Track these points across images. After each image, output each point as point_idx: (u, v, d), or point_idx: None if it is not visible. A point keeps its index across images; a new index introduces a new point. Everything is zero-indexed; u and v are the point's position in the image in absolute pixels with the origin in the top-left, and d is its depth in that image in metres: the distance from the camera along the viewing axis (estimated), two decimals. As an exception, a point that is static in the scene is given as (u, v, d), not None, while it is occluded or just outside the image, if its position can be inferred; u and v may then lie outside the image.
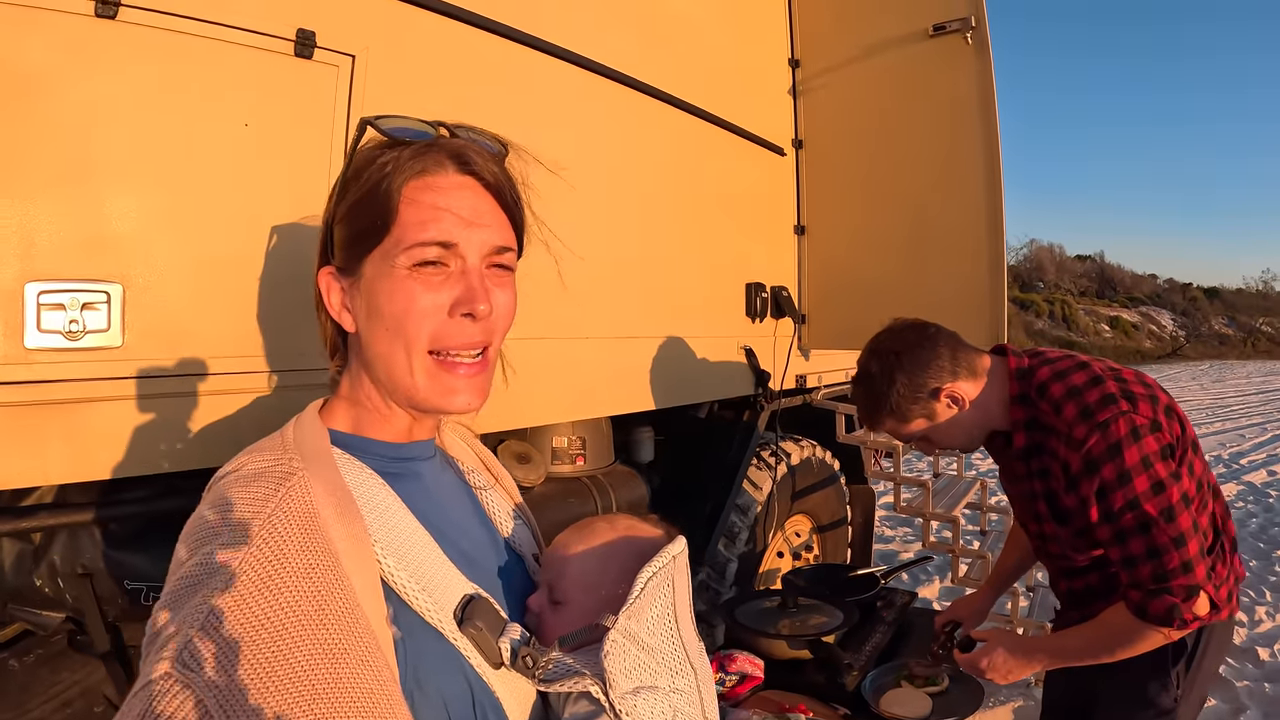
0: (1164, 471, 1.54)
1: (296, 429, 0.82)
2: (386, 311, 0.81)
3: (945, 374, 1.74)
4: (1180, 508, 1.54)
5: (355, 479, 0.80)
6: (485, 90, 1.75)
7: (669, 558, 0.88)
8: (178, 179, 1.24)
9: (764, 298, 2.82)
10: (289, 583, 0.64)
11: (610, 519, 1.02)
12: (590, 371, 2.06)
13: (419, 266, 0.80)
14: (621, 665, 0.78)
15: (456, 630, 0.78)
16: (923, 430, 1.81)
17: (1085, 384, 1.65)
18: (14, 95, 1.09)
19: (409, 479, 0.88)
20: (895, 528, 6.62)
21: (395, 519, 0.80)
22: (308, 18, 1.36)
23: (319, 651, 0.63)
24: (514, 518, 1.06)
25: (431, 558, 0.80)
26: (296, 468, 0.73)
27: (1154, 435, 1.56)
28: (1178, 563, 1.53)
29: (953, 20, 2.63)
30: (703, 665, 0.91)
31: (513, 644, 0.81)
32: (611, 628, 0.79)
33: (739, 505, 2.80)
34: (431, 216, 0.81)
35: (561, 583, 0.93)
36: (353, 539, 0.72)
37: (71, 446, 1.16)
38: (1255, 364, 41.34)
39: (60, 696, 1.38)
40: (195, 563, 0.65)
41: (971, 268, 2.68)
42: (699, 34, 2.54)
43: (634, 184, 2.25)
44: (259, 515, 0.68)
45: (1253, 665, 4.17)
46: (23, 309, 1.10)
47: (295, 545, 0.67)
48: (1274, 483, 9.15)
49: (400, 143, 0.83)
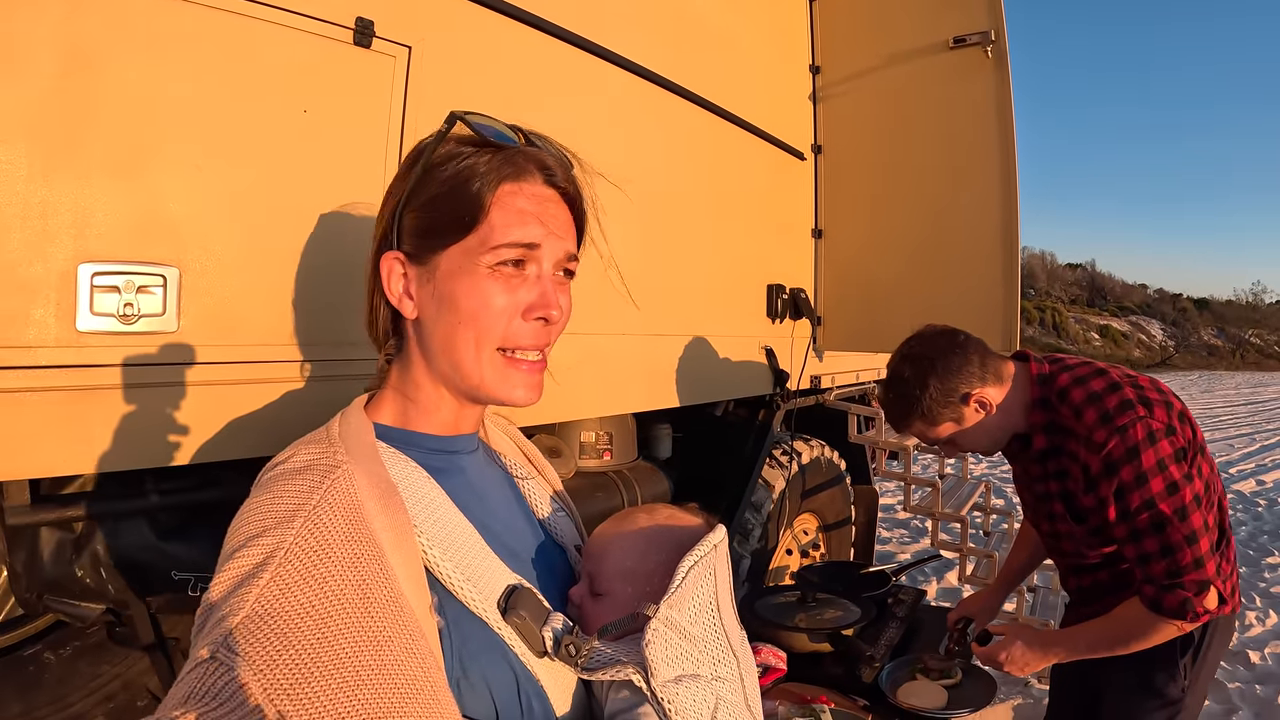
0: (1178, 473, 1.61)
1: (342, 423, 0.83)
2: (464, 306, 0.83)
3: (975, 380, 1.79)
4: (1192, 507, 1.60)
5: (400, 472, 0.81)
6: (532, 87, 1.77)
7: (710, 546, 0.88)
8: (236, 162, 1.23)
9: (784, 299, 2.85)
10: (334, 572, 0.65)
11: (650, 509, 1.02)
12: (620, 368, 2.08)
13: (500, 266, 0.83)
14: (663, 654, 0.78)
15: (500, 619, 0.79)
16: (950, 434, 1.85)
17: (1104, 390, 1.70)
18: (75, 73, 1.08)
19: (453, 472, 0.89)
20: (892, 529, 6.66)
21: (439, 511, 0.81)
22: (367, 6, 1.36)
23: (364, 639, 0.63)
24: (556, 509, 1.07)
25: (475, 549, 0.82)
26: (341, 460, 0.75)
27: (1169, 439, 1.63)
28: (1190, 559, 1.60)
29: (973, 33, 2.66)
30: (745, 653, 0.91)
31: (555, 633, 0.81)
32: (653, 616, 0.79)
33: (753, 503, 2.83)
34: (520, 221, 0.84)
35: (602, 573, 0.93)
36: (396, 530, 0.73)
37: (121, 434, 1.14)
38: (1244, 375, 41.80)
39: (102, 690, 1.36)
40: (243, 552, 0.66)
41: (985, 275, 2.72)
42: (726, 39, 2.57)
43: (666, 183, 2.27)
44: (304, 506, 0.69)
45: (1244, 668, 4.26)
46: (75, 290, 1.08)
47: (340, 536, 0.68)
48: (1262, 491, 9.28)
49: (487, 143, 0.85)
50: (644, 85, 2.13)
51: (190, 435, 1.21)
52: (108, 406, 1.13)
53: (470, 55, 1.60)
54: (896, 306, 2.84)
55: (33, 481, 1.24)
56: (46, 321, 1.06)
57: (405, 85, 1.42)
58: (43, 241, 1.06)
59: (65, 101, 1.07)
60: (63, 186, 1.07)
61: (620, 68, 2.03)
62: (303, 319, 1.30)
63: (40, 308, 1.06)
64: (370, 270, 0.89)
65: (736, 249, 2.64)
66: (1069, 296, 56.96)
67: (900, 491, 3.51)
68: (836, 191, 3.11)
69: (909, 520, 6.85)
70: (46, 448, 1.09)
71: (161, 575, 1.34)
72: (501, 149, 0.85)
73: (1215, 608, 1.63)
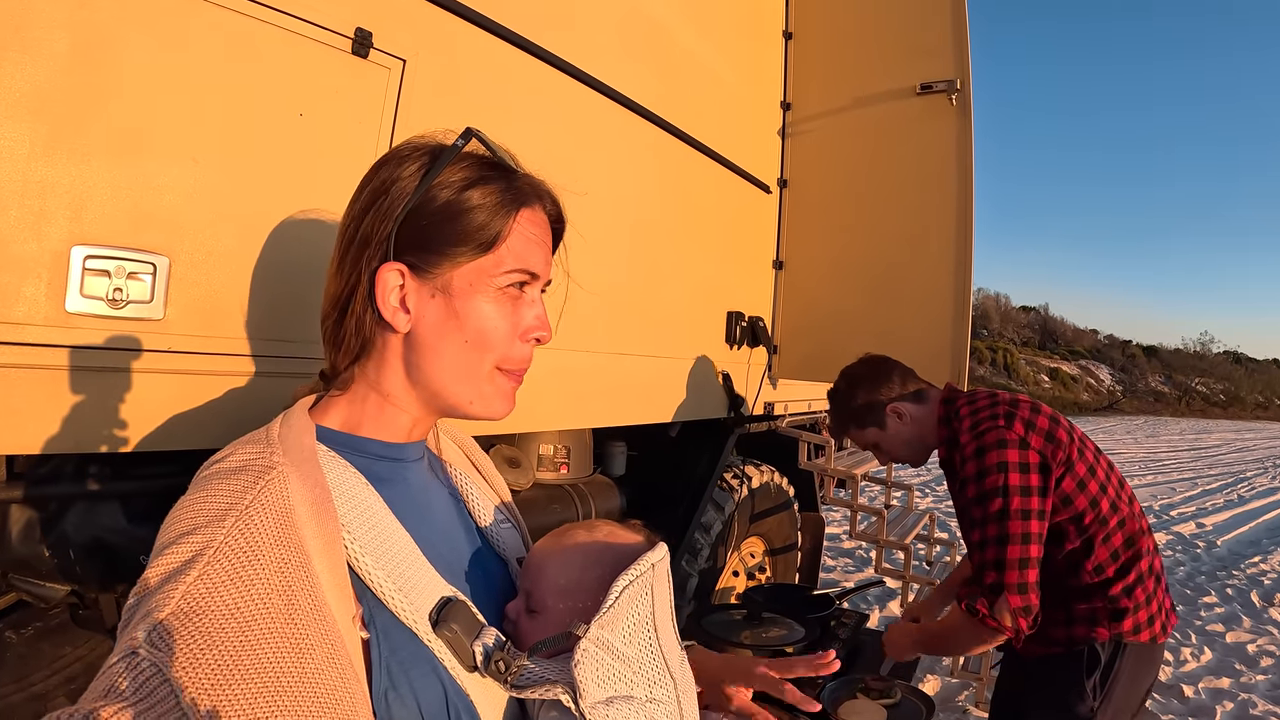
0: (1015, 480, 1.79)
1: (284, 424, 0.82)
2: (471, 324, 0.85)
3: (894, 393, 2.13)
4: (1016, 514, 1.77)
5: (338, 477, 0.80)
6: (517, 108, 1.82)
7: (648, 565, 0.86)
8: (231, 159, 1.25)
9: (743, 326, 2.93)
10: (260, 575, 0.65)
11: (589, 525, 1.01)
12: (582, 384, 2.13)
13: (507, 288, 0.86)
14: (593, 674, 0.77)
15: (431, 632, 0.78)
16: (875, 438, 2.17)
17: (984, 407, 1.94)
18: (84, 57, 1.09)
19: (395, 480, 0.88)
20: (837, 558, 6.78)
21: (376, 519, 0.80)
22: (367, 18, 1.40)
23: (286, 646, 0.63)
24: (500, 521, 1.06)
25: (410, 559, 0.81)
26: (277, 462, 0.74)
27: (1018, 450, 1.82)
28: (993, 557, 1.78)
29: (939, 81, 2.79)
30: (684, 675, 0.90)
31: (485, 648, 0.80)
32: (583, 636, 0.78)
33: (703, 523, 2.88)
34: (533, 249, 0.88)
35: (538, 589, 0.92)
36: (325, 538, 0.72)
37: (101, 417, 1.14)
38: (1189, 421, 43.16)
39: (64, 671, 1.34)
40: (173, 549, 0.66)
41: (938, 313, 2.83)
42: (703, 71, 2.65)
43: (636, 207, 2.33)
44: (236, 507, 0.69)
45: (1178, 701, 4.50)
46: (67, 272, 1.08)
47: (269, 539, 0.68)
48: (1201, 534, 9.67)
49: (497, 165, 0.88)
50: (621, 111, 2.20)
51: (168, 422, 1.21)
52: (90, 388, 1.13)
53: (461, 73, 1.65)
54: (851, 339, 2.92)
55: (7, 459, 1.23)
56: (37, 300, 1.07)
57: (398, 97, 1.47)
58: (39, 221, 1.07)
59: (72, 85, 1.08)
60: (63, 167, 1.08)
61: (600, 93, 2.10)
62: (286, 315, 1.32)
63: (31, 286, 1.06)
64: (347, 276, 0.86)
65: (699, 275, 2.71)
66: (1021, 338, 58.30)
67: (847, 521, 3.60)
68: (799, 225, 3.21)
69: (854, 549, 7.01)
70: (27, 425, 1.09)
71: (129, 560, 1.32)
72: (512, 173, 0.88)
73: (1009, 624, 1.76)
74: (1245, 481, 15.77)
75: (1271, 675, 5.00)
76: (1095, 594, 1.87)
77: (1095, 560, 1.87)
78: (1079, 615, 1.88)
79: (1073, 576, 1.89)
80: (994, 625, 1.76)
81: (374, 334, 0.86)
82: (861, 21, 3.11)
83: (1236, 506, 12.25)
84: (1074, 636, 1.88)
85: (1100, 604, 1.87)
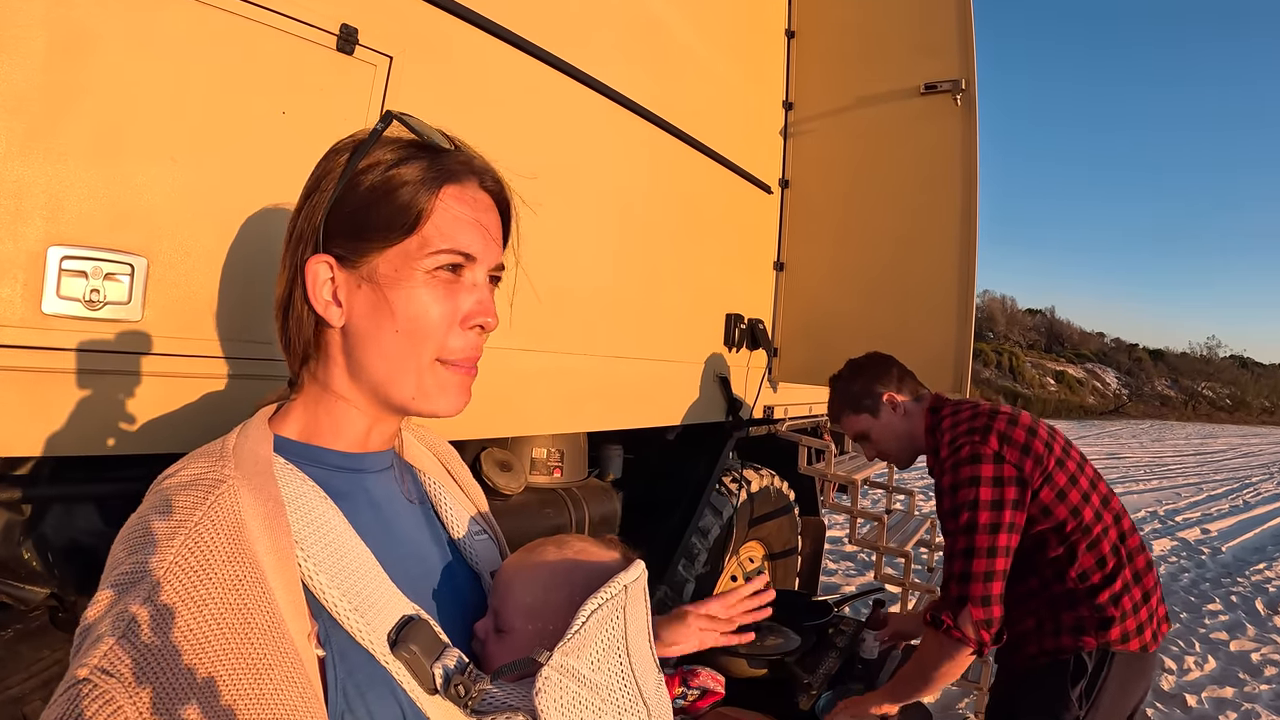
0: (985, 495, 1.83)
1: (240, 436, 0.79)
2: (401, 312, 0.80)
3: (891, 383, 2.19)
4: (983, 529, 1.80)
5: (294, 490, 0.77)
6: (507, 105, 1.79)
7: (619, 588, 0.82)
8: (212, 159, 1.22)
9: (742, 328, 2.90)
10: (214, 594, 0.63)
11: (561, 541, 0.97)
12: (577, 387, 2.10)
13: (438, 271, 0.81)
14: (556, 702, 0.74)
15: (389, 653, 0.75)
16: (867, 425, 2.20)
17: (964, 419, 1.98)
18: (62, 56, 1.06)
19: (356, 493, 0.85)
20: (838, 561, 6.74)
21: (332, 534, 0.77)
22: (352, 14, 1.38)
23: (242, 665, 0.62)
24: (475, 532, 1.02)
25: (368, 576, 0.77)
26: (228, 475, 0.72)
27: (993, 464, 1.85)
28: (959, 569, 1.82)
29: (944, 81, 2.76)
30: (659, 701, 0.86)
31: (446, 671, 0.77)
32: (544, 664, 0.74)
33: (700, 528, 2.86)
34: (462, 226, 0.82)
35: (505, 609, 0.88)
36: (277, 553, 0.69)
37: (78, 418, 1.12)
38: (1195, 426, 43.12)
39: (42, 675, 1.31)
40: (124, 568, 0.65)
41: (941, 316, 2.81)
42: (703, 70, 2.63)
43: (632, 207, 2.31)
44: (186, 524, 0.67)
45: (1180, 710, 4.44)
46: (44, 272, 1.06)
47: (221, 556, 0.65)
48: (1206, 540, 9.59)
49: (424, 146, 0.83)
50: (617, 110, 2.18)
51: (146, 424, 1.20)
52: (67, 390, 1.11)
53: (449, 69, 1.62)
54: (853, 342, 2.88)
55: (-17, 461, 1.21)
56: (13, 301, 1.05)
57: (384, 94, 1.44)
58: (15, 221, 1.04)
59: (48, 82, 1.06)
60: (39, 167, 1.06)
61: (596, 91, 2.07)
62: (266, 317, 1.25)
63: (7, 287, 1.05)
64: (288, 274, 0.84)
65: (698, 276, 2.69)
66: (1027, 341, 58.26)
67: (848, 525, 3.57)
68: (800, 226, 3.19)
69: (855, 554, 6.96)
70: (3, 428, 1.07)
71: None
72: (440, 152, 0.83)
73: (972, 634, 1.78)
74: (1251, 487, 15.69)
75: (1276, 685, 4.94)
76: (1081, 602, 1.88)
77: (1079, 567, 1.89)
78: (1066, 625, 1.89)
79: (1058, 584, 1.91)
80: (958, 636, 1.79)
81: (315, 332, 0.84)
82: (865, 20, 3.08)
83: (1242, 512, 12.17)
84: (1061, 646, 1.89)
85: (1087, 613, 1.87)
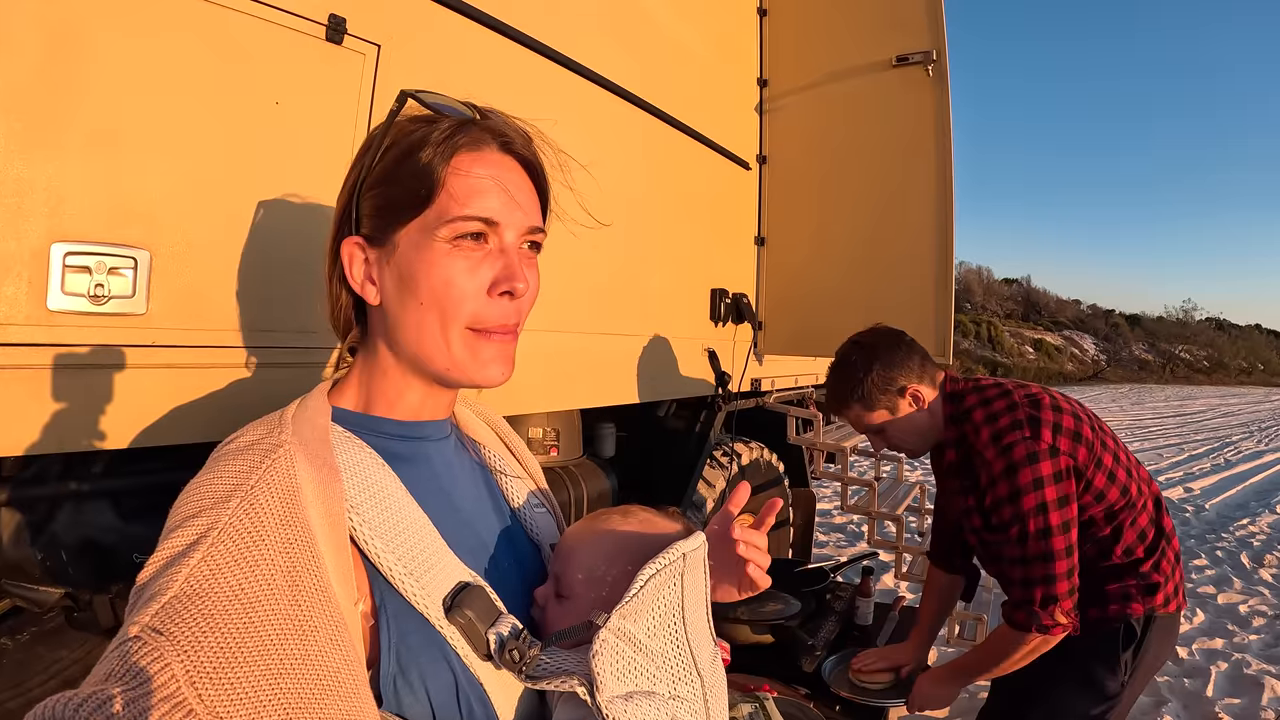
0: (1051, 495, 1.74)
1: (300, 406, 0.81)
2: (424, 285, 0.80)
3: (913, 375, 1.95)
4: (1057, 530, 1.73)
5: (351, 458, 0.78)
6: (490, 90, 1.80)
7: (678, 555, 0.81)
8: (209, 150, 1.24)
9: (727, 303, 2.94)
10: (265, 556, 0.64)
11: (626, 510, 0.97)
12: (569, 365, 2.13)
13: (460, 239, 0.80)
14: (612, 667, 0.73)
15: (443, 618, 0.75)
16: (883, 422, 1.99)
17: (1002, 410, 1.84)
18: (59, 53, 1.07)
19: (417, 460, 0.86)
20: (829, 533, 6.82)
21: (389, 499, 0.77)
22: (340, 4, 1.39)
23: (289, 627, 0.62)
24: (534, 505, 1.03)
25: (426, 542, 0.78)
26: (284, 440, 0.73)
27: (1050, 460, 1.75)
28: (1040, 574, 1.73)
29: (915, 53, 2.79)
30: (715, 673, 0.85)
31: (500, 637, 0.77)
32: (603, 626, 0.74)
33: (694, 502, 2.90)
34: (478, 191, 0.80)
35: (566, 575, 0.89)
36: (330, 517, 0.70)
37: (86, 414, 1.13)
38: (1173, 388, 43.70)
39: (61, 675, 1.33)
40: (178, 532, 0.66)
41: (921, 285, 2.84)
42: (678, 50, 2.65)
43: (617, 187, 2.33)
44: (242, 486, 0.68)
45: (1173, 663, 4.59)
46: (48, 269, 1.07)
47: (275, 519, 0.67)
48: (1189, 499, 9.85)
49: (441, 118, 0.83)
50: (599, 91, 2.20)
51: (154, 418, 1.21)
52: (75, 386, 1.12)
53: (435, 56, 1.64)
54: (835, 313, 2.95)
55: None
56: (18, 299, 1.06)
57: (374, 82, 1.46)
58: (17, 218, 1.06)
59: (45, 80, 1.07)
60: (39, 164, 1.07)
61: (577, 74, 2.09)
62: (269, 306, 1.32)
63: (12, 285, 1.06)
64: (330, 258, 0.87)
65: (682, 253, 2.72)
66: (1004, 311, 58.69)
67: (838, 497, 3.62)
68: (779, 201, 3.22)
69: (846, 524, 7.05)
70: (12, 426, 1.07)
71: (123, 558, 1.31)
72: (457, 122, 0.84)
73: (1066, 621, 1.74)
74: (1231, 445, 16.01)
75: (1264, 635, 5.11)
76: (1127, 573, 1.86)
77: (1124, 544, 1.85)
78: (1113, 594, 1.86)
79: (1103, 560, 1.87)
80: (1058, 632, 1.75)
81: (356, 312, 0.88)
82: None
83: (1223, 470, 12.44)
84: (1108, 615, 1.86)
85: (1133, 581, 1.85)
